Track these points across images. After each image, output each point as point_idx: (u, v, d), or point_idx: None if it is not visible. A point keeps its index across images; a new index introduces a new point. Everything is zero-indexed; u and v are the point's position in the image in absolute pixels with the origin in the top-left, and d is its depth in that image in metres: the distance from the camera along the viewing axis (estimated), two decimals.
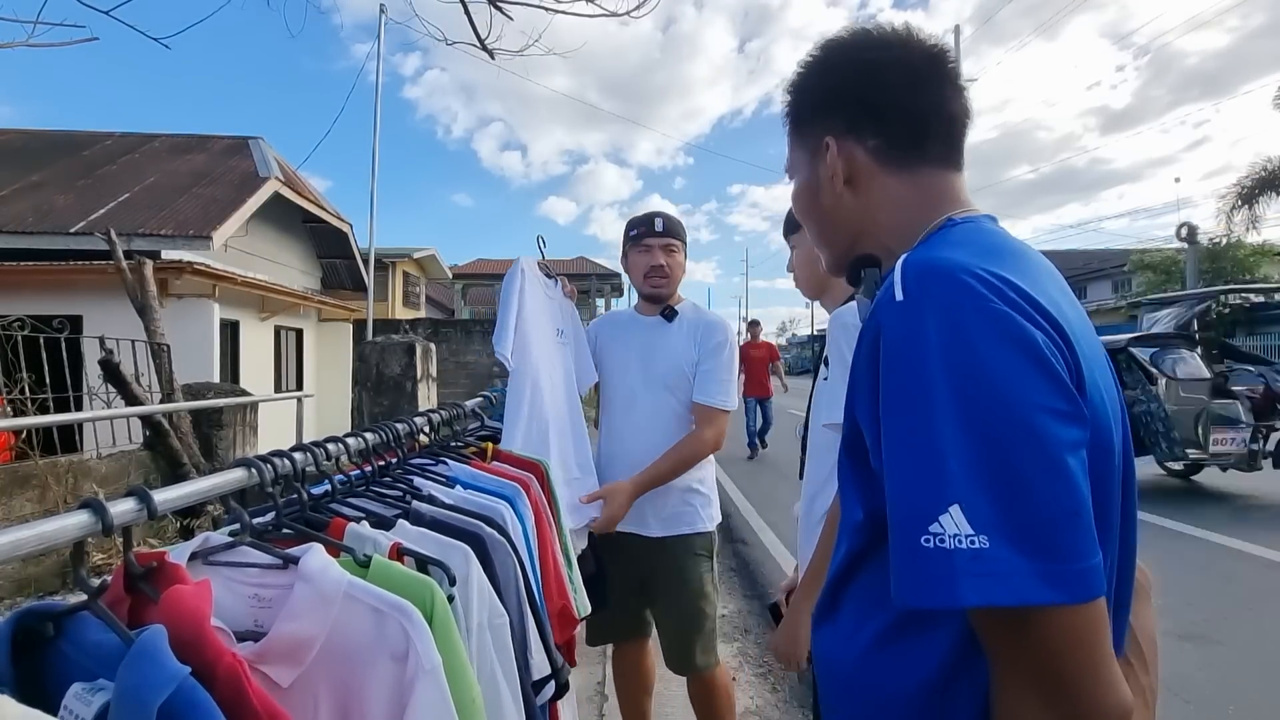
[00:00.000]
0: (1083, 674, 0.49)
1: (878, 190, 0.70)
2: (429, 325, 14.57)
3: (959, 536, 0.48)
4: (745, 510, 5.64)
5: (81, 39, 3.58)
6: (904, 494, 0.51)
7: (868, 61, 0.70)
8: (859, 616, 0.65)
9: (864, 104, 0.69)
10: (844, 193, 0.71)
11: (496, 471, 1.26)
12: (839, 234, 0.74)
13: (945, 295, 0.53)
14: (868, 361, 0.57)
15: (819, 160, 0.72)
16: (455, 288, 25.88)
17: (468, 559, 0.87)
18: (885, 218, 0.70)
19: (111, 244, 4.69)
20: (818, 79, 0.74)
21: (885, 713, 0.62)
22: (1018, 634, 0.49)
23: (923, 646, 0.59)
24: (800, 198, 0.77)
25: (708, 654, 1.80)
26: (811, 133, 0.73)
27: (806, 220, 0.78)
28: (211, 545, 0.73)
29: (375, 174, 12.13)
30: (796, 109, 0.76)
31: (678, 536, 1.80)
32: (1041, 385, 0.50)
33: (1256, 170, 15.78)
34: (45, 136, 11.23)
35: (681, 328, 1.86)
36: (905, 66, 0.69)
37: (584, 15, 4.12)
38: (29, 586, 3.31)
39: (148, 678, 0.47)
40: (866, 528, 0.62)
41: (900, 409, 0.52)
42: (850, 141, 0.70)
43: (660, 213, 1.89)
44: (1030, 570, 0.47)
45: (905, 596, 0.50)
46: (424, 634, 0.64)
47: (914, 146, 0.69)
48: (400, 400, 4.34)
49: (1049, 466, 0.49)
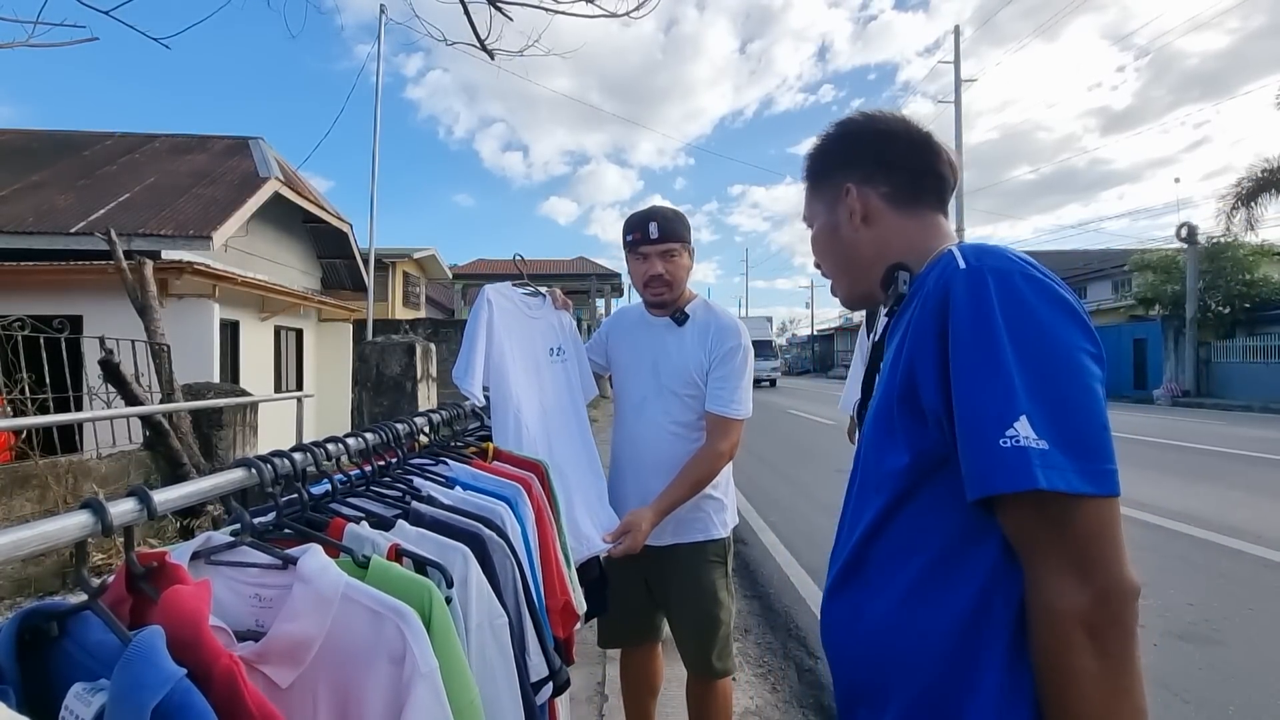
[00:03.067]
0: (1108, 556, 0.61)
1: (888, 226, 0.88)
2: (429, 325, 14.57)
3: (1030, 438, 0.61)
4: (745, 510, 5.63)
5: (81, 39, 3.58)
6: (982, 407, 0.64)
7: (879, 131, 0.90)
8: (891, 567, 0.75)
9: (877, 160, 0.88)
10: (861, 228, 0.88)
11: (497, 471, 1.25)
12: (856, 263, 0.90)
13: (1000, 264, 0.69)
14: (933, 319, 0.70)
15: (839, 204, 0.90)
16: (455, 288, 25.87)
17: (467, 560, 0.86)
18: (897, 246, 0.86)
19: (111, 244, 4.69)
20: (837, 143, 0.93)
21: (923, 656, 0.70)
22: (1061, 522, 0.62)
23: (957, 580, 0.69)
24: (821, 237, 0.95)
25: (724, 659, 1.78)
26: (831, 184, 0.91)
27: (827, 256, 0.95)
28: (214, 545, 0.73)
29: (375, 174, 12.14)
30: (818, 167, 0.95)
31: (691, 544, 1.77)
32: (1078, 331, 0.66)
33: (1256, 170, 15.77)
34: (45, 137, 11.23)
35: (693, 331, 1.78)
36: (907, 137, 0.88)
37: (584, 16, 4.12)
38: (29, 586, 3.31)
39: (143, 679, 0.47)
40: (910, 471, 0.73)
41: (972, 345, 0.66)
42: (866, 188, 0.88)
43: (655, 213, 1.76)
44: (1077, 468, 0.61)
45: (986, 485, 0.63)
46: (420, 637, 0.64)
47: (914, 193, 0.87)
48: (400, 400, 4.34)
49: (1087, 392, 0.64)
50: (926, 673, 0.70)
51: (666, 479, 1.73)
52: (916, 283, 0.81)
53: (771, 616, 3.40)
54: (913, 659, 0.71)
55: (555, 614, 1.18)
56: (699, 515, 1.77)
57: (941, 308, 0.69)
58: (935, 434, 0.70)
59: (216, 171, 9.77)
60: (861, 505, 0.80)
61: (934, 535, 0.71)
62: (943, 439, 0.69)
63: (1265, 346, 15.60)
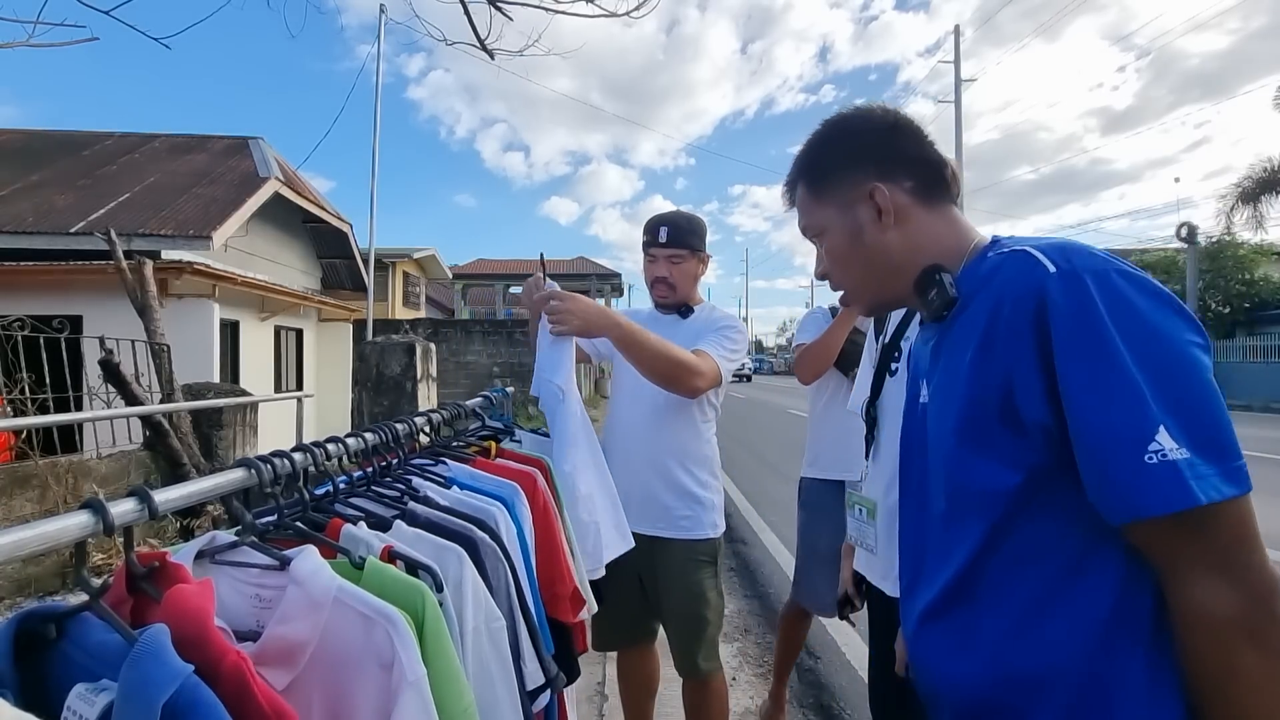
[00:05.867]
0: (1254, 555, 0.60)
1: (918, 225, 0.81)
2: (429, 325, 14.58)
3: (1173, 449, 0.59)
4: (745, 510, 5.63)
5: (81, 39, 3.59)
6: (1115, 423, 0.61)
7: (887, 124, 0.84)
8: (1009, 584, 0.70)
9: (893, 154, 0.82)
10: (891, 229, 0.81)
11: (499, 469, 1.24)
12: (885, 269, 0.83)
13: (1092, 263, 0.65)
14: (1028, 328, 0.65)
15: (857, 206, 0.82)
16: (455, 288, 25.89)
17: (462, 561, 0.85)
18: (929, 247, 0.81)
19: (111, 244, 4.69)
20: (841, 141, 0.86)
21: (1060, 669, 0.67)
22: (1206, 529, 0.60)
23: (1087, 589, 0.66)
24: (839, 246, 0.86)
25: (709, 659, 1.79)
26: (842, 186, 0.84)
27: (847, 267, 0.87)
28: (217, 544, 0.73)
29: (375, 174, 12.14)
30: (816, 171, 0.87)
31: (681, 540, 1.78)
32: (1184, 325, 0.63)
33: (1257, 170, 15.78)
34: (45, 136, 11.22)
35: (695, 325, 1.85)
36: (909, 128, 0.84)
37: (584, 15, 4.12)
38: (29, 586, 3.30)
39: (151, 675, 0.47)
40: (1022, 488, 0.68)
41: (1086, 355, 0.62)
42: (891, 185, 0.81)
43: (668, 219, 1.85)
44: (1219, 472, 0.59)
45: (1136, 508, 0.60)
46: (409, 644, 0.62)
47: (938, 186, 0.82)
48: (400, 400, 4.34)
49: (1207, 387, 0.61)
50: (1066, 685, 0.67)
51: (657, 466, 1.76)
52: (965, 284, 0.76)
53: (771, 616, 3.40)
54: (1048, 673, 0.68)
55: (565, 600, 1.18)
56: (689, 514, 1.78)
57: (1036, 315, 0.65)
58: (1043, 447, 0.66)
59: (216, 171, 9.77)
60: (955, 528, 0.75)
61: (1055, 547, 0.68)
62: (1051, 452, 0.66)
63: (1265, 346, 15.60)
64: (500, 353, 14.26)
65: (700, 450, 1.82)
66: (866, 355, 1.54)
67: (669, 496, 1.78)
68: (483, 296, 27.51)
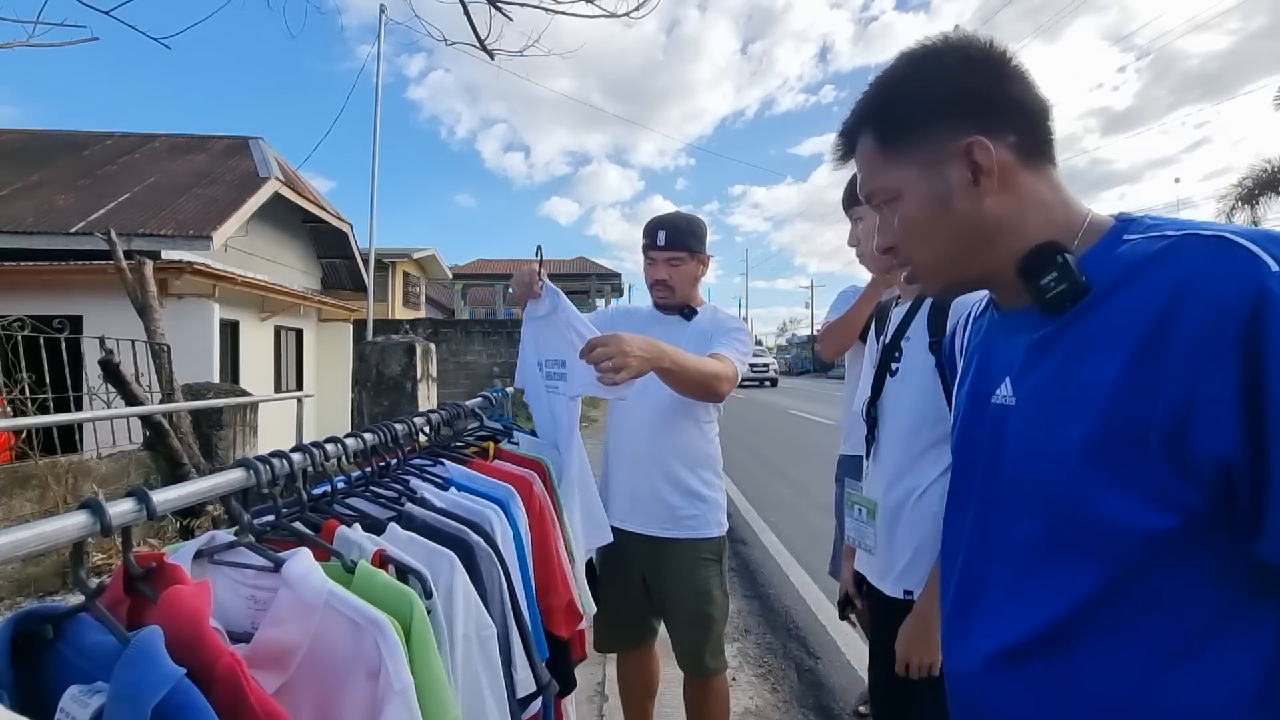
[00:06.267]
0: None
1: (1023, 190, 0.66)
2: (429, 325, 14.59)
3: None
4: (745, 510, 5.63)
5: (81, 39, 3.59)
6: None
7: (988, 60, 0.66)
8: (1128, 636, 0.60)
9: (997, 101, 0.66)
10: (992, 194, 0.66)
11: (496, 471, 1.24)
12: (971, 246, 0.69)
13: None
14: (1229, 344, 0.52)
15: (947, 166, 0.67)
16: (455, 288, 25.90)
17: (453, 566, 0.84)
18: (1031, 217, 0.66)
19: (111, 244, 4.69)
20: (925, 82, 0.69)
21: None
22: None
23: (1236, 651, 0.56)
24: (921, 213, 0.70)
25: (716, 657, 1.80)
26: (925, 141, 0.68)
27: (925, 240, 0.71)
28: (217, 544, 0.73)
29: (375, 174, 12.14)
30: (891, 119, 0.71)
31: (686, 540, 1.78)
32: None
33: (1257, 171, 15.78)
34: (45, 136, 11.22)
35: (700, 326, 1.85)
36: (1016, 63, 0.66)
37: (584, 16, 4.13)
38: (29, 586, 3.31)
39: (143, 678, 0.47)
40: (1172, 534, 0.56)
41: None
42: (992, 140, 0.65)
43: (667, 221, 1.84)
44: None
45: None
46: (396, 652, 0.62)
47: (1043, 142, 0.67)
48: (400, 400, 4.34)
49: None
50: None
51: (662, 466, 1.77)
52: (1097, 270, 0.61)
53: (771, 616, 3.40)
54: None
55: (559, 612, 1.17)
56: (694, 514, 1.79)
57: (1247, 327, 0.51)
58: (1213, 488, 0.54)
59: (216, 171, 9.77)
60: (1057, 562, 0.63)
61: (1197, 600, 0.57)
62: (1223, 495, 0.54)
63: None
64: (500, 353, 14.27)
65: (704, 450, 1.82)
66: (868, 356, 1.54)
67: (674, 496, 1.78)
68: (483, 296, 27.51)
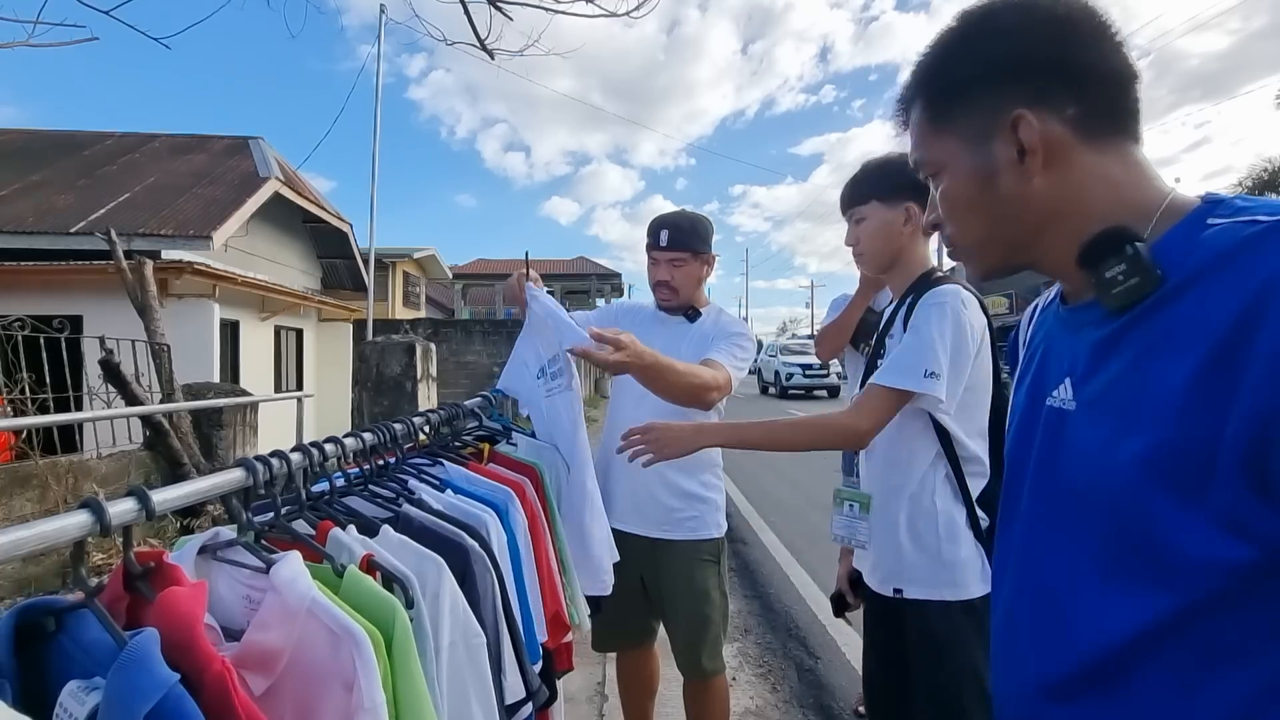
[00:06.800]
0: None
1: (1080, 167, 0.60)
2: (429, 325, 14.57)
3: None
4: (745, 510, 5.63)
5: (81, 39, 3.59)
6: None
7: (1053, 19, 0.60)
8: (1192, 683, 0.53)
9: (1056, 67, 0.60)
10: (1039, 173, 0.60)
11: (492, 475, 1.23)
12: (1020, 227, 0.63)
13: None
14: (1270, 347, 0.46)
15: (993, 141, 0.62)
16: (455, 288, 25.88)
17: (440, 572, 0.82)
18: (1095, 198, 0.60)
19: (111, 244, 4.69)
20: (983, 47, 0.63)
21: None
22: None
23: None
24: (964, 190, 0.65)
25: (714, 659, 1.79)
26: (976, 111, 0.63)
27: (972, 215, 0.66)
28: (220, 541, 0.73)
29: (375, 174, 12.14)
30: (945, 88, 0.65)
31: (685, 541, 1.78)
32: None
33: (1257, 170, 15.79)
34: (45, 136, 11.23)
35: (704, 328, 1.83)
36: (1096, 23, 0.60)
37: (584, 15, 4.14)
38: (29, 586, 3.31)
39: (136, 684, 0.47)
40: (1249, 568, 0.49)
41: None
42: (1043, 112, 0.59)
43: (670, 221, 1.80)
44: None
45: None
46: (369, 668, 0.60)
47: (1116, 114, 0.60)
48: (400, 400, 4.34)
49: None
50: None
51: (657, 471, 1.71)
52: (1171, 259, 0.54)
53: (771, 616, 3.40)
54: None
55: (545, 622, 1.15)
56: (693, 515, 1.78)
57: None
58: None
59: (216, 171, 9.77)
60: (1116, 588, 0.57)
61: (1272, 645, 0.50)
62: None
63: None
64: (500, 353, 14.26)
65: (704, 452, 1.81)
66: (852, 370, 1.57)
67: (673, 499, 1.77)
68: (483, 296, 27.49)
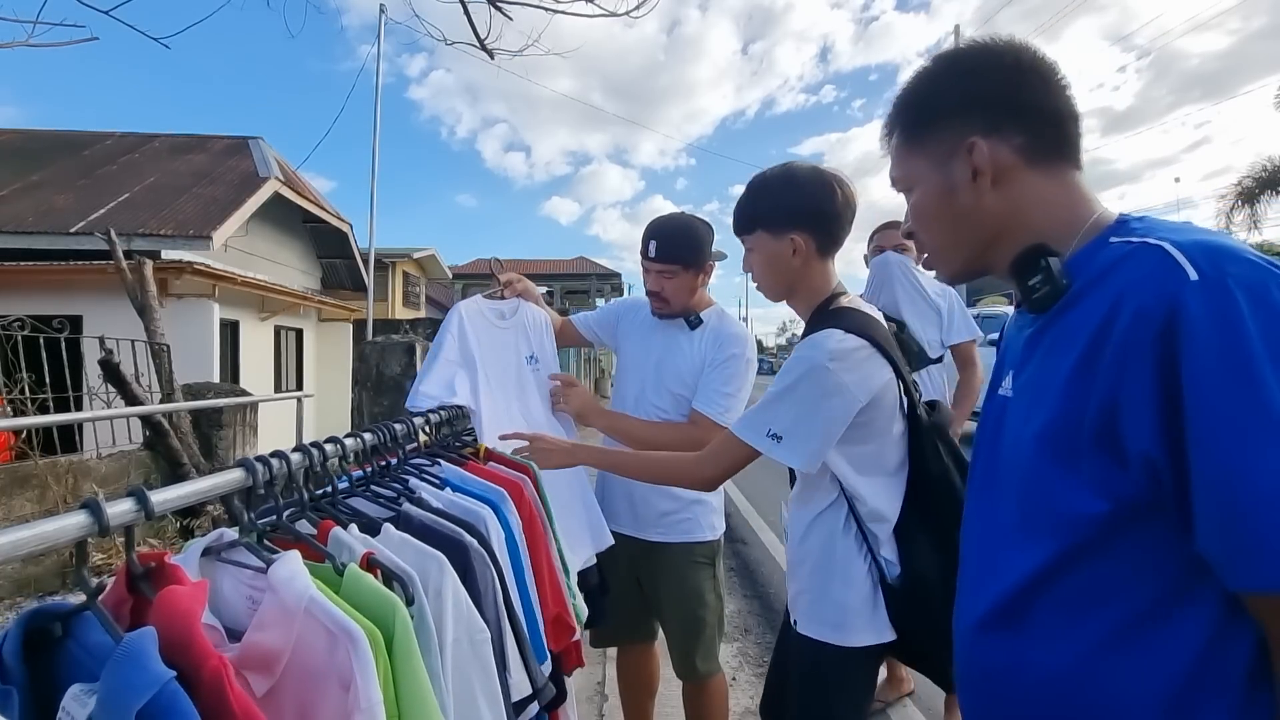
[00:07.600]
0: None
1: (1024, 189, 0.71)
2: (429, 325, 14.55)
3: None
4: (745, 510, 5.64)
5: (81, 39, 3.58)
6: (1259, 481, 0.50)
7: (1007, 65, 0.71)
8: (1072, 618, 0.63)
9: (1008, 103, 0.71)
10: (988, 192, 0.71)
11: (487, 474, 1.23)
12: (975, 237, 0.75)
13: (1247, 272, 0.53)
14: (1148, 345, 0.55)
15: (953, 162, 0.73)
16: (455, 288, 25.86)
17: (442, 569, 0.82)
18: (1035, 216, 0.70)
19: (111, 244, 4.69)
20: (948, 84, 0.75)
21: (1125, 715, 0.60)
22: None
23: (1169, 636, 0.59)
24: (929, 204, 0.77)
25: (708, 661, 1.79)
26: (940, 137, 0.74)
27: (935, 225, 0.78)
28: (224, 541, 0.73)
29: (375, 174, 12.13)
30: (916, 117, 0.78)
31: (678, 544, 1.77)
32: None
33: (1257, 170, 15.76)
34: (45, 136, 11.22)
35: (703, 335, 1.77)
36: (1044, 70, 0.70)
37: (584, 15, 4.13)
38: (29, 586, 3.31)
39: (129, 681, 0.47)
40: (1107, 519, 0.60)
41: (1228, 395, 0.51)
42: (995, 140, 0.70)
43: (660, 230, 1.72)
44: None
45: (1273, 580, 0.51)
46: (366, 668, 0.59)
47: (1058, 144, 0.70)
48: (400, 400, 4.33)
49: None
50: None
51: None
52: (1077, 272, 0.65)
53: (771, 616, 3.40)
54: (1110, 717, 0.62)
55: (546, 626, 1.15)
56: (687, 517, 1.77)
57: (1163, 332, 0.54)
58: (1142, 482, 0.57)
59: (216, 171, 9.76)
60: (1020, 540, 0.67)
61: (1134, 587, 0.60)
62: (1151, 488, 0.57)
63: None
64: None
65: None
66: None
67: (667, 502, 1.76)
68: None
